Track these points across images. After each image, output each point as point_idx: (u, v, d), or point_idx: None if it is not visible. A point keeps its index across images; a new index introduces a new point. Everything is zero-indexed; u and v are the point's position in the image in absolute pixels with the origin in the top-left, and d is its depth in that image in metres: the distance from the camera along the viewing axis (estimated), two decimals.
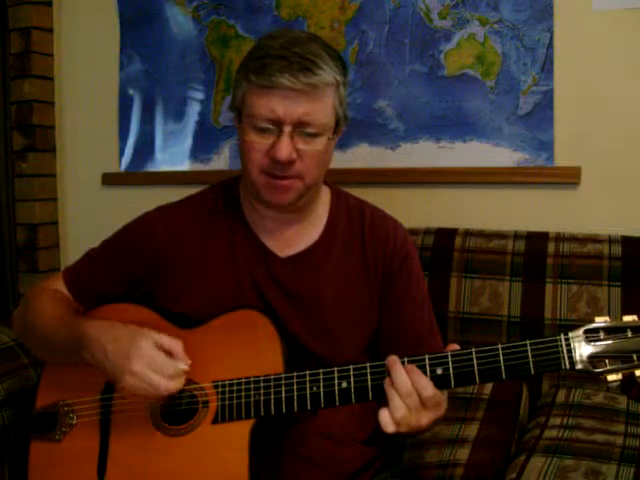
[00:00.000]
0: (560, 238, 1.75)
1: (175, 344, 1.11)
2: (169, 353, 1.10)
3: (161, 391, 1.08)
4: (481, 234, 1.82)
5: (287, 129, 1.12)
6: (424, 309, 1.31)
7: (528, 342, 1.00)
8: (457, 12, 1.94)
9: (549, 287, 1.70)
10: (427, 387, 1.01)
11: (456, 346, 1.05)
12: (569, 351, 0.98)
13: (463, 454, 1.37)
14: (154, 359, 1.08)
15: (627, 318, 0.98)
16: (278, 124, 1.12)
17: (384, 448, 1.31)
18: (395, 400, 1.01)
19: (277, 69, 1.10)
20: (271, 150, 1.13)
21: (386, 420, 1.02)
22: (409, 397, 1.01)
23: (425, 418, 1.03)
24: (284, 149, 1.12)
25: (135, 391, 1.09)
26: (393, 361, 1.04)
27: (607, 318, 0.99)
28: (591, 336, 0.98)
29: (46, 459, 1.22)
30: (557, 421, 1.47)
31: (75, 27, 2.46)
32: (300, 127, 1.13)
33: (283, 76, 1.09)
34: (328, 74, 1.13)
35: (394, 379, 1.02)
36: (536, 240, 1.76)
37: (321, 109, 1.14)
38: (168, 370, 1.08)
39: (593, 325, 0.99)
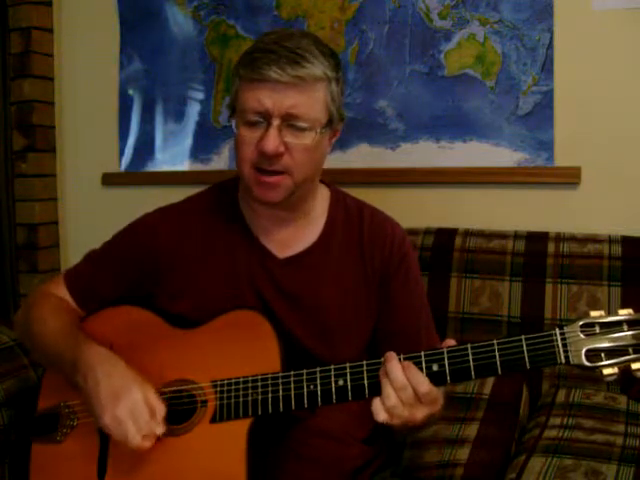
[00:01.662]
0: (560, 238, 1.75)
1: (160, 407, 1.11)
2: (152, 412, 1.10)
3: (130, 444, 1.08)
4: (481, 234, 1.82)
5: (275, 122, 1.12)
6: (422, 310, 1.31)
7: (523, 337, 1.00)
8: (457, 12, 1.94)
9: (549, 287, 1.70)
10: (423, 383, 1.01)
11: (452, 341, 1.05)
12: (564, 345, 0.97)
13: (463, 454, 1.37)
14: (139, 414, 1.08)
15: (623, 312, 0.98)
16: (267, 117, 1.13)
17: (384, 448, 1.31)
18: (387, 389, 1.01)
19: (265, 62, 1.10)
20: (259, 143, 1.14)
21: (377, 407, 1.02)
22: (403, 391, 1.01)
23: (420, 413, 1.03)
24: (271, 141, 1.12)
25: (108, 432, 1.10)
26: (390, 356, 1.04)
27: (602, 312, 0.98)
28: (587, 330, 0.97)
29: (47, 460, 1.22)
30: (557, 421, 1.47)
31: (75, 27, 2.46)
32: (289, 120, 1.13)
33: (271, 68, 1.10)
34: (317, 68, 1.13)
35: (389, 372, 1.02)
36: (536, 240, 1.76)
37: (310, 103, 1.14)
38: (146, 429, 1.08)
39: (589, 319, 0.98)
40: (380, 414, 1.01)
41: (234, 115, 1.19)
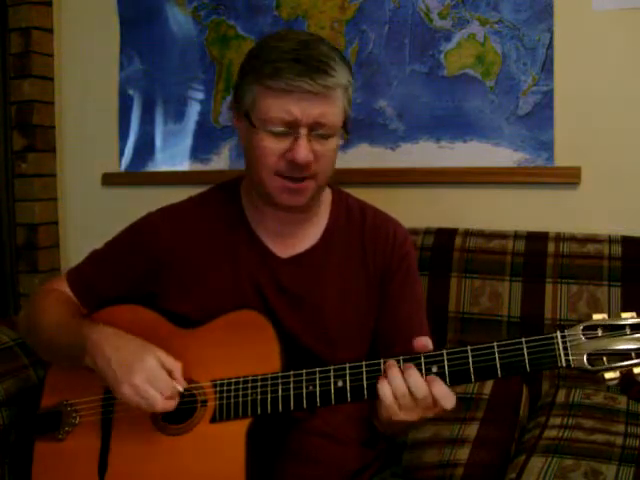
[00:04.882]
0: (560, 238, 1.74)
1: (176, 365, 1.12)
2: (169, 373, 1.11)
3: (156, 408, 1.09)
4: (481, 234, 1.82)
5: (304, 131, 1.13)
6: (419, 310, 1.31)
7: (524, 339, 0.99)
8: (457, 12, 1.93)
9: (549, 287, 1.70)
10: (420, 387, 1.01)
11: (425, 339, 1.05)
12: (565, 348, 0.97)
13: (463, 454, 1.37)
14: (156, 376, 1.09)
15: (625, 315, 0.97)
16: (294, 127, 1.13)
17: (384, 449, 1.31)
18: (387, 399, 1.02)
19: (294, 72, 1.10)
20: (288, 153, 1.14)
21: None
22: (403, 398, 1.01)
23: (416, 415, 1.03)
24: (303, 151, 1.13)
25: (131, 403, 1.10)
26: (391, 364, 1.04)
27: (605, 315, 0.97)
28: (588, 333, 0.96)
29: (49, 458, 1.23)
30: (557, 421, 1.47)
31: (75, 27, 2.46)
32: (315, 129, 1.14)
33: (302, 79, 1.10)
34: (342, 75, 1.15)
35: (390, 380, 1.02)
36: (536, 240, 1.76)
37: (334, 110, 1.16)
38: (167, 390, 1.09)
39: (591, 322, 0.97)
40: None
41: (251, 122, 1.17)
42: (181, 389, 1.11)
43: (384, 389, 1.02)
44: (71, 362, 1.22)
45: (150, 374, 1.09)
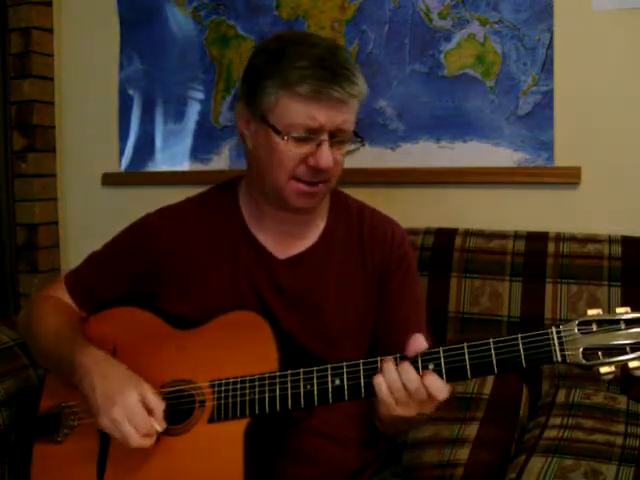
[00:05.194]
0: (560, 238, 1.74)
1: (158, 405, 1.11)
2: (150, 411, 1.10)
3: (131, 444, 1.08)
4: (481, 234, 1.82)
5: (326, 137, 1.13)
6: (419, 310, 1.31)
7: (519, 336, 0.99)
8: (457, 12, 1.93)
9: (549, 287, 1.70)
10: (412, 380, 1.01)
11: (420, 343, 1.05)
12: (561, 344, 0.97)
13: (463, 454, 1.37)
14: (135, 414, 1.08)
15: (620, 310, 0.97)
16: (316, 132, 1.13)
17: (383, 450, 1.31)
18: (380, 383, 1.02)
19: (321, 79, 1.10)
20: (310, 158, 1.14)
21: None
22: (398, 392, 1.01)
23: (413, 410, 1.03)
24: (327, 157, 1.13)
25: (107, 433, 1.11)
26: (387, 359, 1.04)
27: (600, 311, 0.97)
28: (584, 329, 0.96)
29: (48, 461, 1.22)
30: (557, 421, 1.47)
31: (75, 27, 2.46)
32: (336, 135, 1.15)
33: (330, 86, 1.10)
34: (363, 83, 1.15)
35: (385, 373, 1.02)
36: (536, 240, 1.76)
37: (352, 117, 1.17)
38: (144, 428, 1.09)
39: (586, 317, 0.97)
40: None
41: (269, 127, 1.15)
42: (159, 429, 1.10)
43: (380, 384, 1.02)
44: (62, 375, 1.22)
45: (129, 411, 1.08)
